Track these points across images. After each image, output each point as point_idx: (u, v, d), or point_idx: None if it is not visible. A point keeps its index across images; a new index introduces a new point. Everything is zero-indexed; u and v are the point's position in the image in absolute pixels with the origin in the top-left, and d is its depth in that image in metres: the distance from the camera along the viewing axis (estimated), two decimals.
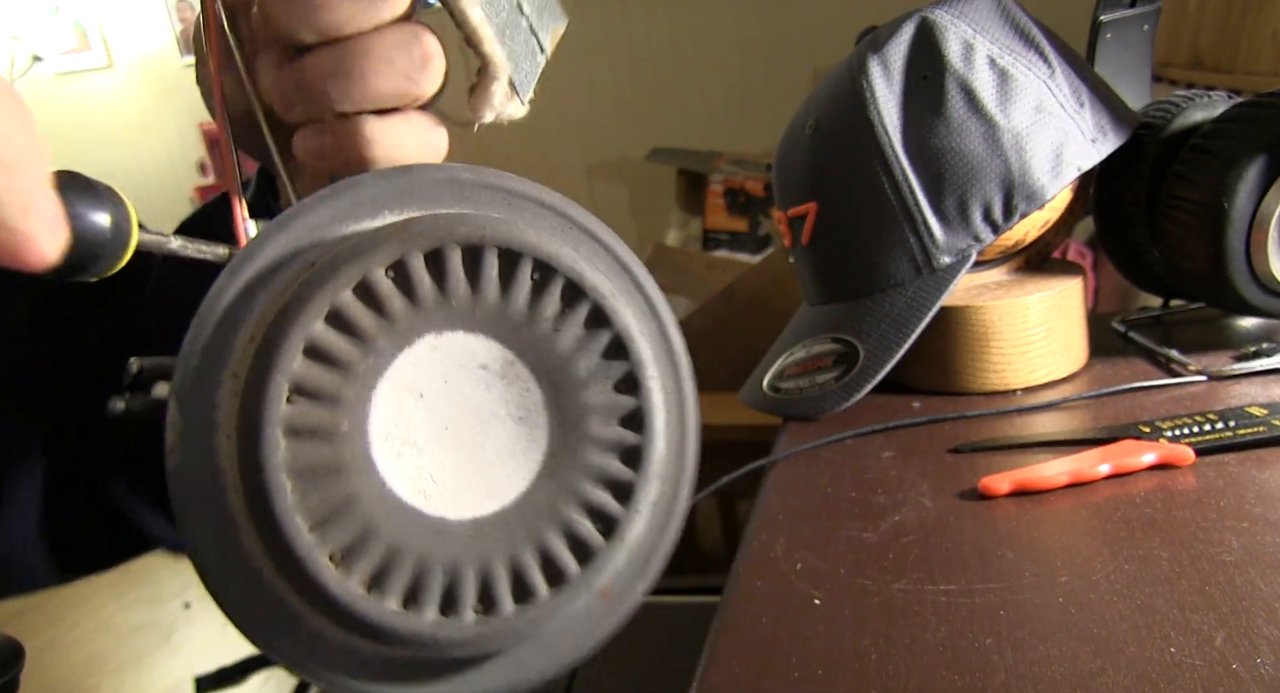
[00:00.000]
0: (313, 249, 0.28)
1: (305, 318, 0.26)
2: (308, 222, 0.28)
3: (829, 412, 0.66)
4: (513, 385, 0.28)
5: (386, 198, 0.29)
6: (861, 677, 0.39)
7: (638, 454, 0.29)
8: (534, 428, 0.28)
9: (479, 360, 0.28)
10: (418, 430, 0.27)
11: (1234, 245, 0.60)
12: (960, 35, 0.65)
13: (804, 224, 0.72)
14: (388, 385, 0.27)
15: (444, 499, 0.28)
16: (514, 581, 0.28)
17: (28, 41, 3.64)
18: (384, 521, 0.26)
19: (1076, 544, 0.47)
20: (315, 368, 0.26)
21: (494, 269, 0.27)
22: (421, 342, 0.27)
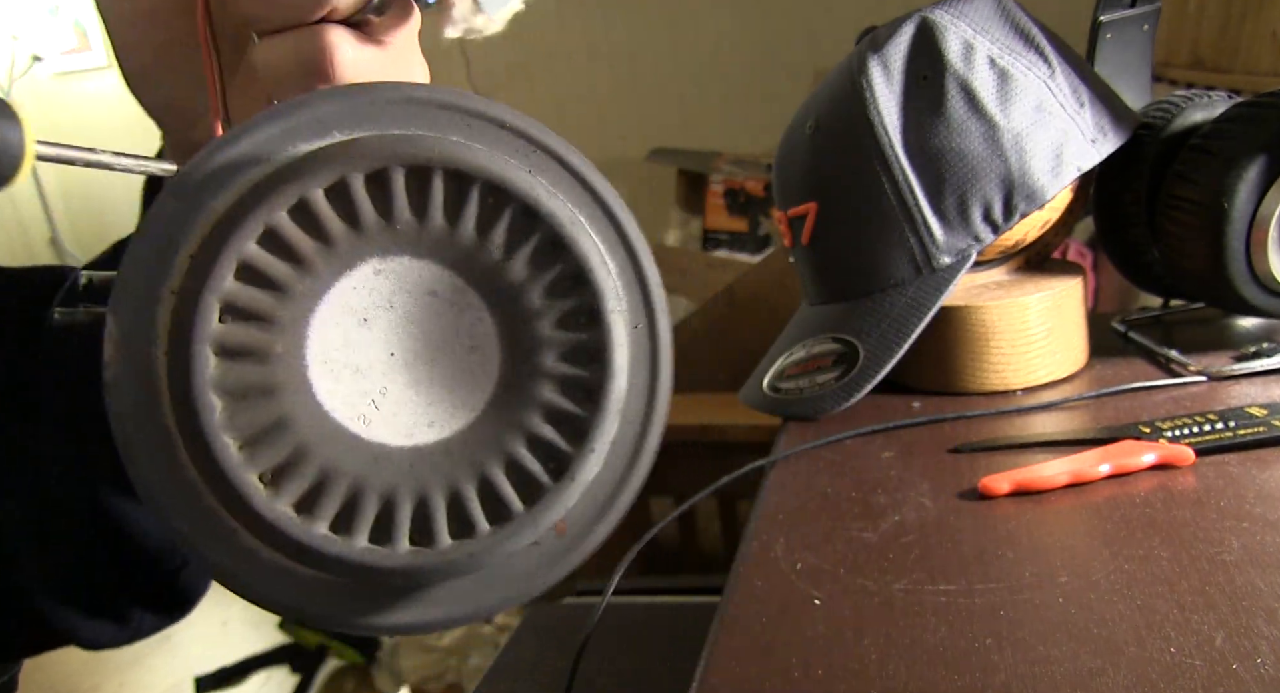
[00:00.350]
0: (256, 166, 0.27)
1: (238, 237, 0.25)
2: (254, 139, 0.27)
3: (829, 412, 0.66)
4: (464, 313, 0.27)
5: (336, 117, 0.27)
6: (861, 677, 0.39)
7: (594, 391, 0.27)
8: (485, 358, 0.27)
9: (427, 287, 0.27)
10: (361, 355, 0.27)
11: (1234, 245, 0.60)
12: (960, 35, 0.65)
13: (804, 224, 0.72)
14: (327, 308, 0.26)
15: (385, 425, 0.27)
16: (453, 513, 0.27)
17: (28, 41, 3.64)
18: (318, 443, 0.26)
19: (1076, 544, 0.47)
20: (248, 288, 0.25)
21: (440, 192, 0.26)
22: (364, 265, 0.26)
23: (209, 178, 0.27)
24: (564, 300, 0.27)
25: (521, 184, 0.27)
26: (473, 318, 0.27)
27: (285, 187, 0.25)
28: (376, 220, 0.26)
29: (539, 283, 0.27)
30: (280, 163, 0.27)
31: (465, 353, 0.27)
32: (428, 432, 0.27)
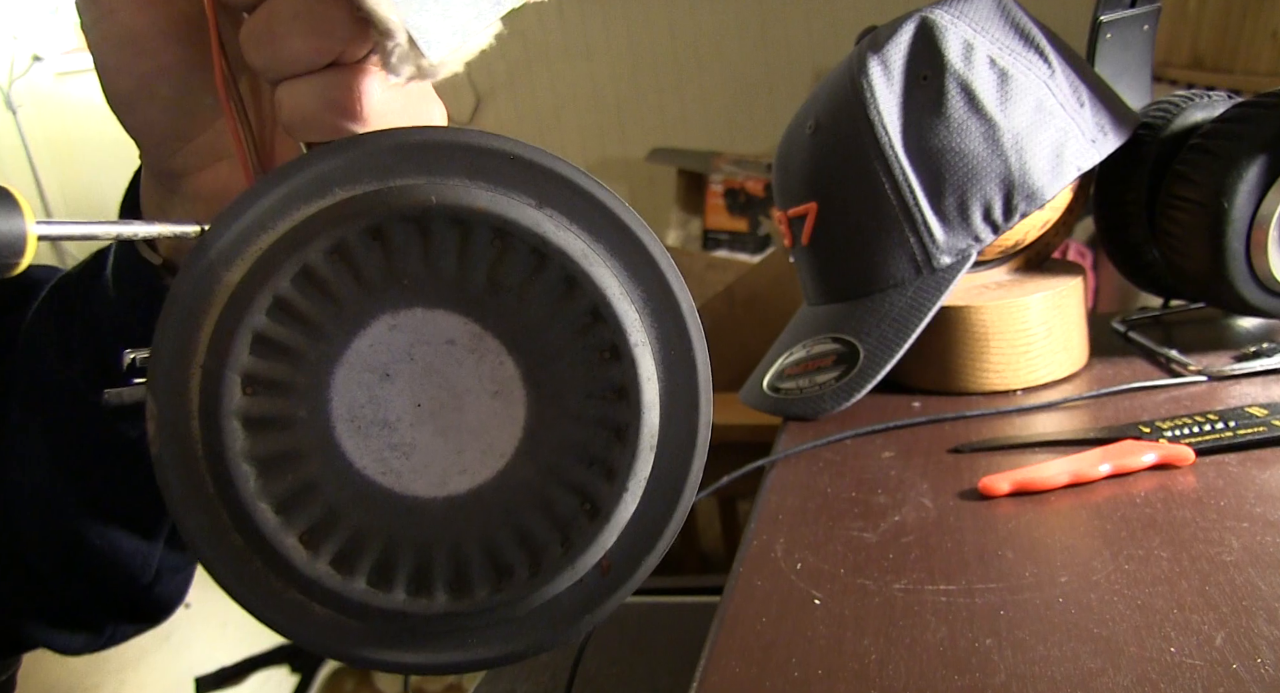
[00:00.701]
0: (263, 234, 0.27)
1: (249, 312, 0.26)
2: (259, 207, 0.27)
3: (829, 412, 0.66)
4: (484, 359, 0.27)
5: (337, 174, 0.27)
6: (861, 677, 0.39)
7: (623, 430, 0.27)
8: (511, 402, 0.27)
9: (444, 336, 0.27)
10: (387, 409, 0.27)
11: (1234, 245, 0.60)
12: (960, 35, 0.65)
13: (804, 224, 0.72)
14: (347, 369, 0.27)
15: (417, 477, 0.27)
16: (489, 560, 0.27)
17: (28, 41, 3.64)
18: (350, 501, 0.27)
19: (1076, 544, 0.47)
20: (265, 360, 0.26)
21: (443, 240, 0.26)
22: (378, 322, 0.27)
23: (220, 251, 0.27)
24: (585, 337, 0.27)
25: (526, 222, 0.26)
26: (494, 363, 0.27)
27: (286, 257, 0.26)
28: (383, 276, 0.26)
29: (557, 321, 0.27)
30: (282, 231, 0.27)
31: (490, 398, 0.27)
32: (460, 480, 0.27)
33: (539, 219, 0.26)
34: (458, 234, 0.26)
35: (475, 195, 0.26)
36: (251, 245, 0.27)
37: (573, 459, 0.27)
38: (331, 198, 0.27)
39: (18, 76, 3.60)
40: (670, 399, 0.28)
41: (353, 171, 0.27)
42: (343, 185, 0.27)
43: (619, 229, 0.28)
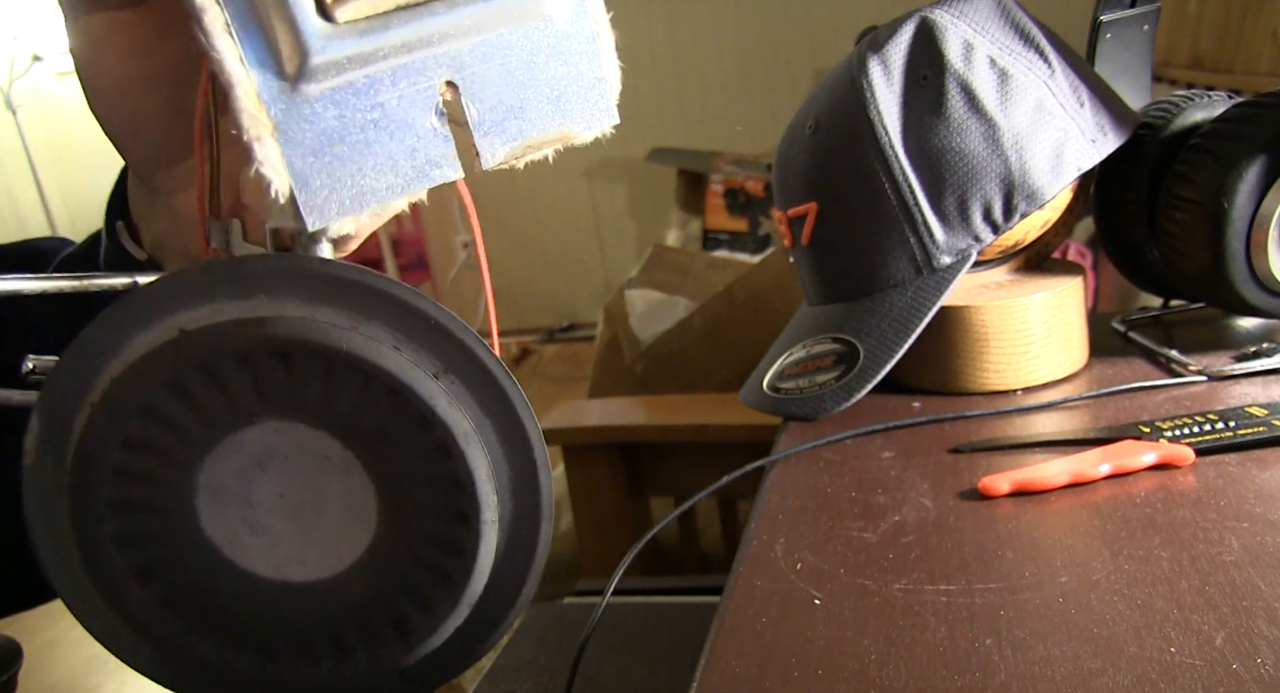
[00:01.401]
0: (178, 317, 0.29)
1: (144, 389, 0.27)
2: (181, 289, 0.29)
3: (829, 412, 0.66)
4: (350, 481, 0.29)
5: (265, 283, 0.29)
6: (861, 677, 0.39)
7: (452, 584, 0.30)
8: (364, 525, 0.30)
9: (321, 451, 0.29)
10: (252, 492, 0.29)
11: (1234, 245, 0.60)
12: (960, 35, 0.65)
13: (804, 224, 0.72)
14: (224, 451, 0.29)
15: (260, 557, 0.30)
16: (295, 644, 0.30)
17: (28, 41, 3.64)
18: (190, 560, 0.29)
19: (1076, 544, 0.47)
20: (150, 426, 0.28)
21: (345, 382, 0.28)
22: (265, 423, 0.28)
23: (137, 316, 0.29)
24: (444, 497, 0.29)
25: (420, 391, 0.28)
26: (357, 487, 0.29)
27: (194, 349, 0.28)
28: (280, 391, 0.28)
29: (423, 478, 0.29)
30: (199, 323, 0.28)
31: (345, 513, 0.30)
32: (298, 571, 0.30)
33: (435, 392, 0.29)
34: (358, 382, 0.28)
35: (385, 355, 0.28)
36: (174, 319, 0.29)
37: (398, 591, 0.30)
38: (255, 308, 0.29)
39: (18, 76, 3.60)
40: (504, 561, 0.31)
41: (286, 289, 0.29)
42: (270, 298, 0.29)
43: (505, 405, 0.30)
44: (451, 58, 0.29)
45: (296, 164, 0.28)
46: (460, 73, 0.29)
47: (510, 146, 0.30)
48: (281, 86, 0.27)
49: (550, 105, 0.31)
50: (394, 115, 0.28)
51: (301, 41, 0.27)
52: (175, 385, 0.28)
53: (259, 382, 0.28)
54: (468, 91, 0.29)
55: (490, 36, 0.29)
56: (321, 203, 0.28)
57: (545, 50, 0.30)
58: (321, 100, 0.28)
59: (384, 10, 0.27)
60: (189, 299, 0.28)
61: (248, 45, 0.27)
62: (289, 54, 0.27)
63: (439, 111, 0.29)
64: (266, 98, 0.27)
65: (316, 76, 0.27)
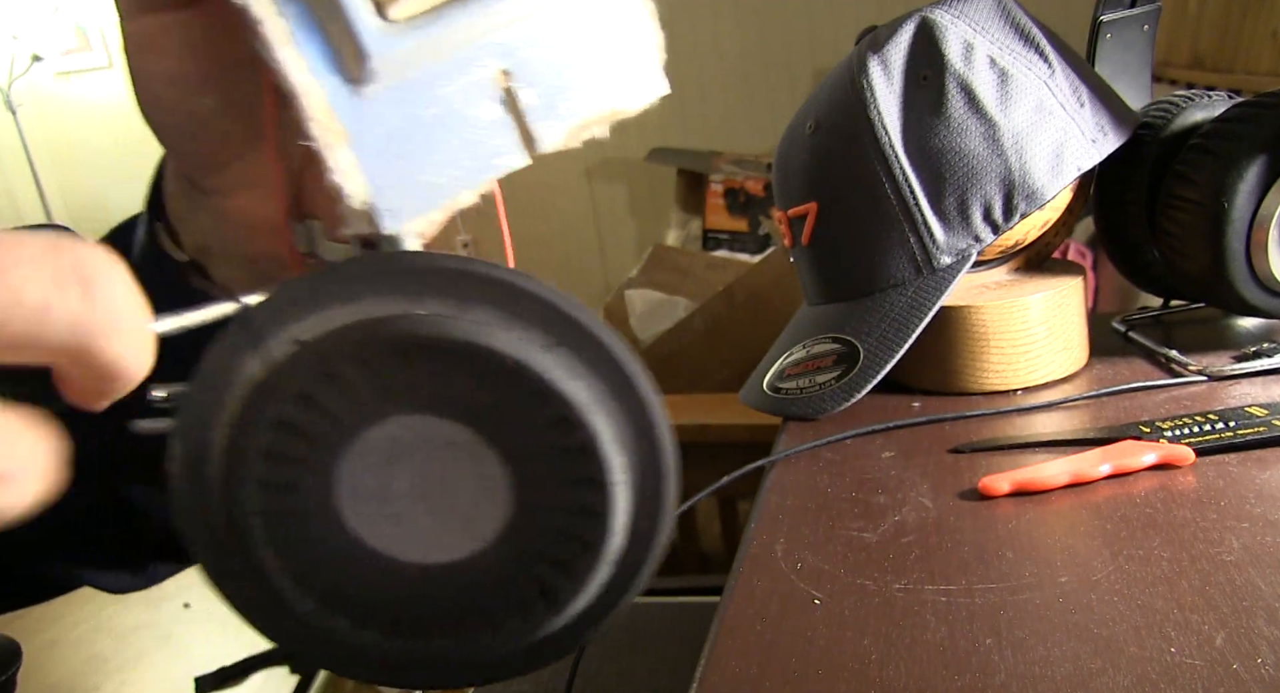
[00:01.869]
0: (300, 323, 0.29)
1: (278, 401, 0.28)
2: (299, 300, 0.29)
3: (829, 412, 0.66)
4: (479, 463, 0.30)
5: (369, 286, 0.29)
6: (861, 677, 0.39)
7: (590, 545, 0.31)
8: (496, 503, 0.31)
9: (448, 438, 0.30)
10: (387, 485, 0.30)
11: (1234, 245, 0.60)
12: (960, 35, 0.65)
13: (804, 224, 0.72)
14: (356, 451, 0.30)
15: (401, 544, 0.31)
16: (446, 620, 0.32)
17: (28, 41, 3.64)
18: (341, 556, 0.31)
19: (1076, 544, 0.47)
20: (285, 437, 0.29)
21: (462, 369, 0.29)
22: (391, 419, 0.29)
23: (261, 329, 0.29)
24: (571, 465, 0.30)
25: (534, 366, 0.29)
26: (488, 467, 0.30)
27: (318, 356, 0.28)
28: (402, 386, 0.29)
29: (550, 451, 0.30)
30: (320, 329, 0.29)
31: (480, 493, 0.31)
32: (439, 553, 0.31)
33: (549, 365, 0.29)
34: (474, 366, 0.29)
35: (496, 337, 0.29)
36: (289, 332, 0.29)
37: (538, 559, 0.31)
38: (363, 310, 0.29)
39: (18, 76, 3.60)
40: (633, 522, 0.32)
41: (389, 287, 0.29)
42: (376, 299, 0.29)
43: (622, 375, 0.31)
44: (503, 44, 0.29)
45: (368, 168, 0.28)
46: (512, 58, 0.29)
47: (566, 127, 0.30)
48: (346, 91, 0.27)
49: (599, 81, 0.31)
50: (455, 108, 0.29)
51: (361, 44, 0.27)
52: (303, 396, 0.28)
53: (381, 381, 0.29)
54: (520, 77, 0.29)
55: (537, 18, 0.29)
56: (396, 205, 0.29)
57: (590, 26, 0.30)
58: (384, 101, 0.28)
59: (436, 4, 0.27)
60: (299, 311, 0.29)
61: (309, 52, 0.27)
62: (350, 58, 0.27)
63: (497, 100, 0.29)
64: (334, 105, 0.27)
65: (378, 77, 0.27)
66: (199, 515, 0.31)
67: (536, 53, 0.29)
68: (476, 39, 0.28)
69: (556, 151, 0.32)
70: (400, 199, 0.29)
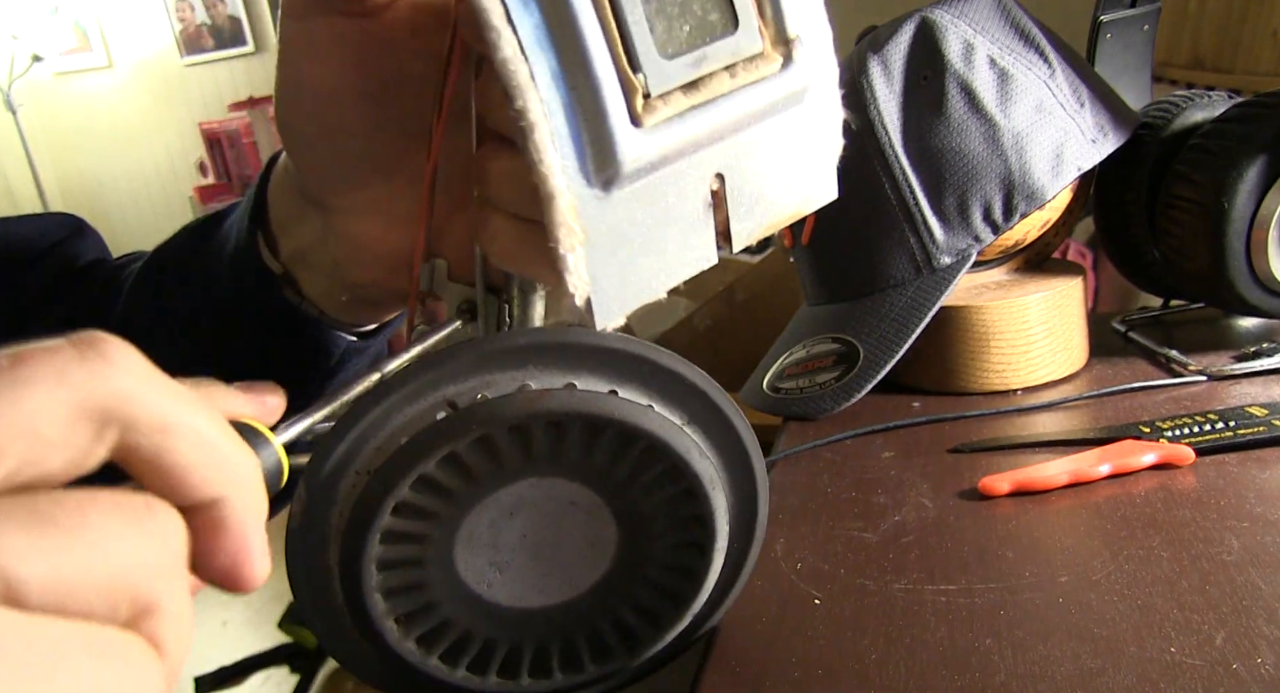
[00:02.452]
0: (450, 390, 0.31)
1: (423, 459, 0.29)
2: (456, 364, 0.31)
3: (829, 412, 0.66)
4: (594, 521, 0.33)
5: (530, 358, 0.31)
6: (861, 677, 0.39)
7: (680, 601, 0.34)
8: (600, 556, 0.33)
9: (570, 497, 0.32)
10: (499, 535, 0.32)
11: (1234, 245, 0.60)
12: (960, 35, 0.65)
13: (804, 224, 0.72)
14: (484, 507, 0.31)
15: (503, 588, 0.33)
16: (538, 661, 0.34)
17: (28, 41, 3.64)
18: (447, 599, 0.32)
19: (1076, 544, 0.47)
20: (420, 494, 0.30)
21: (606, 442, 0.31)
22: (525, 480, 0.31)
23: (410, 393, 0.30)
24: (681, 531, 0.33)
25: (676, 447, 0.31)
26: (600, 526, 0.33)
27: (471, 424, 0.29)
28: (545, 454, 0.31)
29: (666, 518, 0.33)
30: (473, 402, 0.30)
31: (586, 547, 0.33)
32: (536, 598, 0.33)
33: (688, 446, 0.32)
34: (622, 441, 0.31)
35: (646, 416, 0.31)
36: (436, 394, 0.31)
37: (631, 610, 0.34)
38: (521, 385, 0.31)
39: (18, 76, 3.60)
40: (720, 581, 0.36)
41: (544, 361, 0.31)
42: (536, 375, 0.31)
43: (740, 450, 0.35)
44: (725, 149, 0.29)
45: (594, 268, 0.28)
46: (729, 163, 0.30)
47: (757, 228, 0.31)
48: (592, 194, 0.27)
49: (792, 186, 0.32)
50: (673, 211, 0.29)
51: (615, 151, 0.27)
52: (450, 456, 0.30)
53: (529, 449, 0.30)
54: (732, 181, 0.30)
55: (757, 126, 0.30)
56: (611, 302, 0.29)
57: (796, 134, 0.31)
58: (621, 204, 0.28)
59: (682, 110, 0.28)
60: (456, 374, 0.31)
61: (567, 156, 0.27)
62: (602, 163, 0.27)
63: (708, 203, 0.30)
64: (580, 208, 0.27)
65: (623, 182, 0.28)
66: (310, 554, 0.32)
67: (750, 160, 0.30)
68: (707, 145, 0.29)
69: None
70: (616, 296, 0.29)
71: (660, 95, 0.27)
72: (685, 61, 0.27)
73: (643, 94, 0.27)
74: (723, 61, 0.28)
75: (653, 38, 0.26)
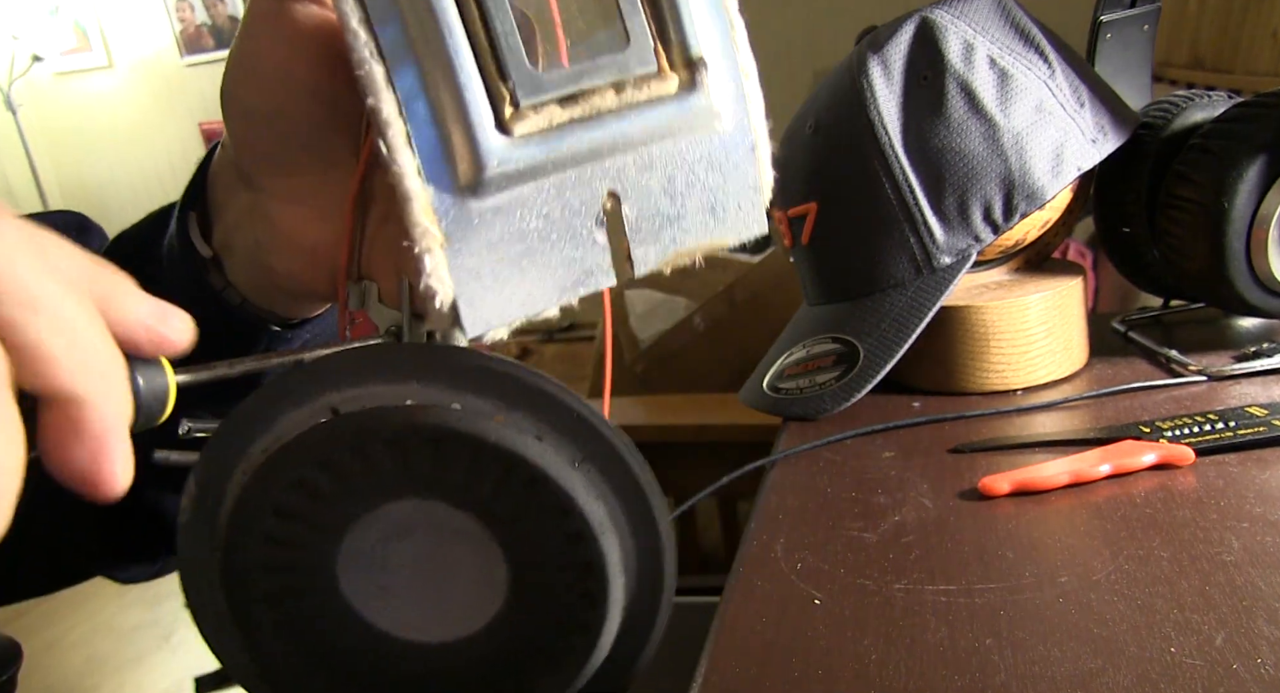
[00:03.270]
0: (335, 397, 0.30)
1: (300, 464, 0.28)
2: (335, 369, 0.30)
3: (829, 412, 0.66)
4: (484, 556, 0.30)
5: (416, 371, 0.30)
6: (861, 677, 0.39)
7: (577, 654, 0.31)
8: (493, 596, 0.31)
9: (458, 527, 0.30)
10: (388, 560, 0.30)
11: (1234, 245, 0.60)
12: (960, 35, 0.65)
13: (804, 224, 0.72)
14: (369, 519, 0.30)
15: (390, 617, 0.31)
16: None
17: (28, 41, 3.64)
18: (326, 615, 0.31)
19: (1076, 544, 0.47)
20: (300, 497, 0.29)
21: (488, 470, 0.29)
22: (408, 500, 0.30)
23: (292, 391, 0.29)
24: (572, 577, 0.31)
25: (561, 482, 0.29)
26: (491, 561, 0.31)
27: (352, 431, 0.28)
28: (427, 473, 0.29)
29: (555, 563, 0.31)
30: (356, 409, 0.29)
31: (478, 583, 0.31)
32: (423, 634, 0.31)
33: (575, 482, 0.29)
34: (502, 469, 0.29)
35: (529, 446, 0.29)
36: (322, 400, 0.29)
37: (522, 657, 0.32)
38: (408, 392, 0.30)
39: (18, 76, 3.60)
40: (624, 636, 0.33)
41: (435, 378, 0.30)
42: (421, 384, 0.30)
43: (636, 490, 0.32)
44: (617, 169, 0.29)
45: (461, 274, 0.28)
46: (623, 183, 0.29)
47: (664, 255, 0.31)
48: (454, 199, 0.27)
49: (706, 214, 0.31)
50: (557, 225, 0.29)
51: (479, 155, 0.27)
52: (327, 463, 0.29)
53: (407, 464, 0.29)
54: (628, 201, 0.29)
55: (655, 148, 0.29)
56: (482, 312, 0.29)
57: (706, 161, 0.30)
58: (490, 211, 0.28)
59: (559, 124, 0.28)
60: (343, 380, 0.29)
61: (426, 158, 0.27)
62: (465, 168, 0.27)
63: (599, 221, 0.29)
64: (439, 210, 0.27)
65: (489, 189, 0.28)
66: (198, 553, 0.31)
67: (650, 180, 0.29)
68: (591, 161, 0.28)
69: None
70: (488, 306, 0.29)
71: (532, 105, 0.27)
72: (562, 74, 0.27)
73: (510, 102, 0.27)
74: (607, 78, 0.28)
75: (525, 47, 0.26)
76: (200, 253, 0.40)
